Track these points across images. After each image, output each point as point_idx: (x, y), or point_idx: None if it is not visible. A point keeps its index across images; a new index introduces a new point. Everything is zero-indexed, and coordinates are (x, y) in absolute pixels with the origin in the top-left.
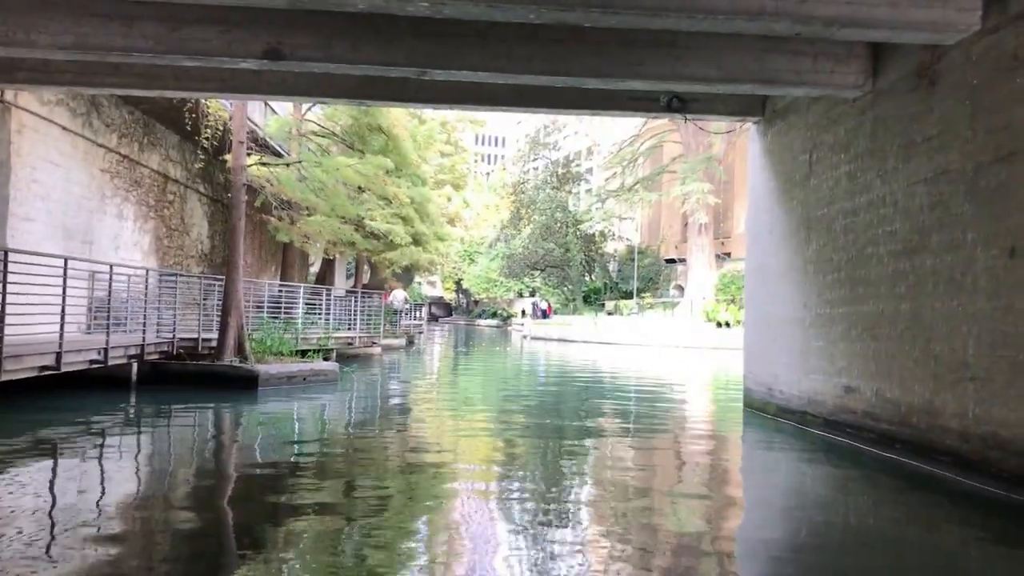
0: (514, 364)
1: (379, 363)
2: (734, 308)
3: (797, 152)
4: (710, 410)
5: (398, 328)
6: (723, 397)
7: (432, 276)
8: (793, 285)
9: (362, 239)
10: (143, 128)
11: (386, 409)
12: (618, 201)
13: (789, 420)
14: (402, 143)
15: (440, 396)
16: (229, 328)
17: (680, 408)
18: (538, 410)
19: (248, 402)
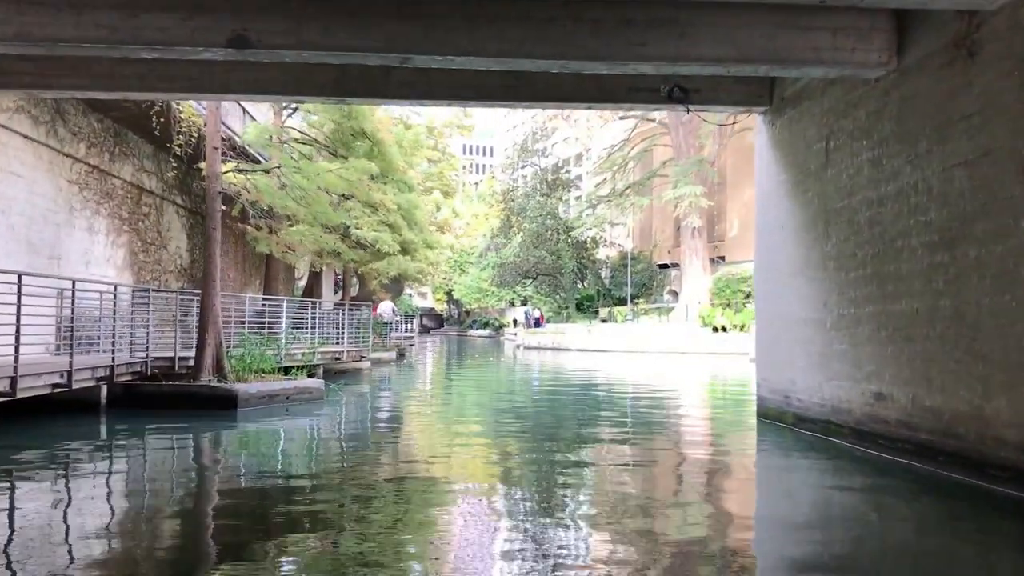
0: (508, 376)
1: (368, 378)
2: (730, 312)
3: (811, 141)
4: (719, 421)
5: (388, 341)
6: (731, 405)
7: (423, 287)
8: (810, 284)
9: (348, 249)
10: (114, 137)
11: (374, 429)
12: (609, 207)
13: (810, 430)
14: (387, 148)
15: (431, 414)
16: (207, 346)
17: (687, 420)
18: (537, 427)
19: (226, 424)
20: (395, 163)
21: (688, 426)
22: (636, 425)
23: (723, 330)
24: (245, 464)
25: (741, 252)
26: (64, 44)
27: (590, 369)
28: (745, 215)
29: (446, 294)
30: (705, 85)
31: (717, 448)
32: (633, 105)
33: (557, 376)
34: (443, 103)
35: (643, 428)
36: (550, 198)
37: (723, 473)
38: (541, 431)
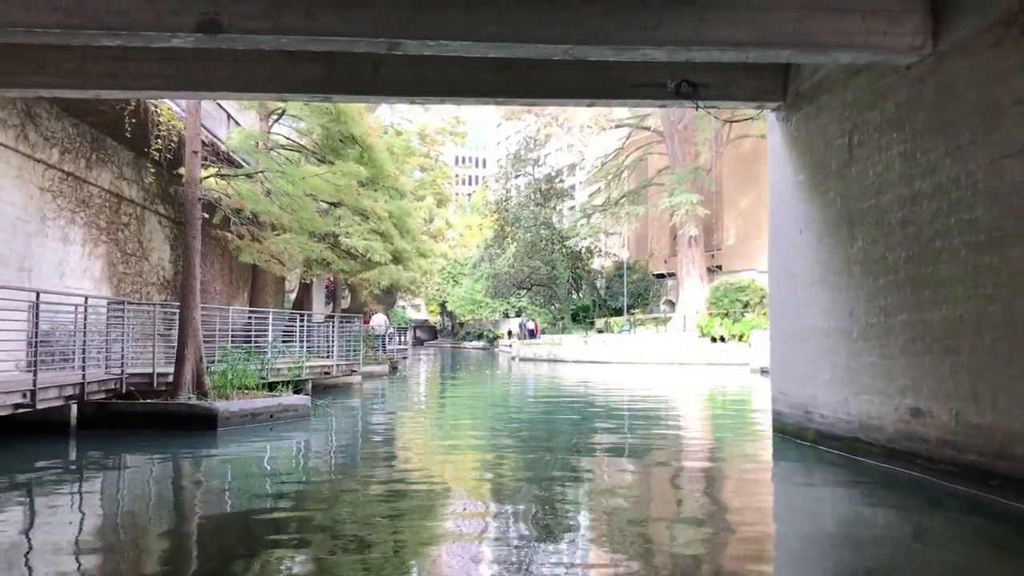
0: (505, 388)
1: (359, 393)
2: (729, 322)
3: (832, 137)
4: (731, 437)
5: (380, 354)
6: (740, 420)
7: (416, 299)
8: (833, 291)
9: (337, 259)
10: (90, 143)
11: (362, 450)
12: (604, 216)
13: (835, 449)
14: (377, 153)
15: (424, 432)
16: (186, 361)
17: (696, 437)
18: (537, 443)
19: (205, 445)
20: (386, 169)
21: (698, 444)
22: (642, 443)
23: (722, 340)
24: (222, 492)
25: (738, 261)
26: (15, 29)
27: (588, 381)
28: (742, 224)
29: (439, 306)
30: (715, 79)
31: (733, 468)
32: (639, 101)
33: (554, 389)
34: (435, 100)
35: (649, 446)
36: (544, 208)
37: (742, 495)
38: (541, 453)
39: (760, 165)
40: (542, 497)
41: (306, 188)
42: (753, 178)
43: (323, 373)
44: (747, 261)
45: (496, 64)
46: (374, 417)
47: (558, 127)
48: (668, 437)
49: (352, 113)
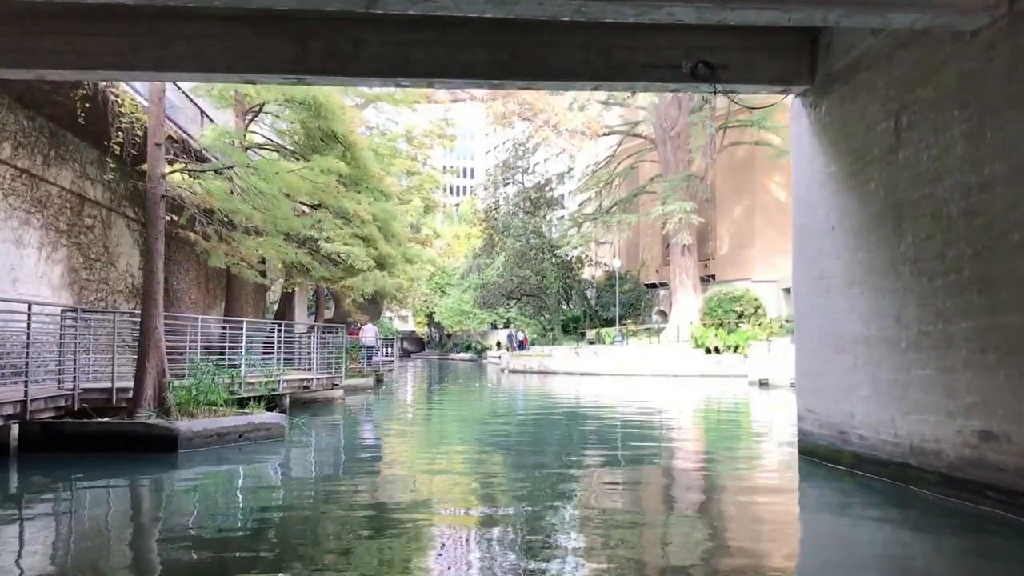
0: (495, 402)
1: (340, 409)
2: (723, 332)
3: (874, 120)
4: (748, 459)
5: (366, 366)
6: (752, 438)
7: (403, 310)
8: (876, 294)
9: (318, 265)
10: (48, 138)
11: (340, 475)
12: (595, 225)
13: (877, 474)
14: (361, 152)
15: (410, 452)
16: (147, 375)
17: (705, 460)
18: (529, 468)
19: (163, 469)
20: (369, 169)
21: (712, 471)
22: (646, 470)
23: (716, 351)
24: (175, 526)
25: (732, 271)
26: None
27: (580, 394)
28: (736, 232)
29: (427, 317)
30: (735, 60)
31: (758, 500)
32: (649, 84)
33: (547, 403)
34: (423, 82)
35: (655, 474)
36: (534, 216)
37: (777, 537)
38: (534, 482)
39: (754, 172)
40: (537, 544)
41: (281, 186)
42: (747, 186)
43: (302, 387)
44: (741, 270)
45: (491, 41)
46: (355, 436)
47: (550, 129)
48: (676, 462)
49: (333, 108)
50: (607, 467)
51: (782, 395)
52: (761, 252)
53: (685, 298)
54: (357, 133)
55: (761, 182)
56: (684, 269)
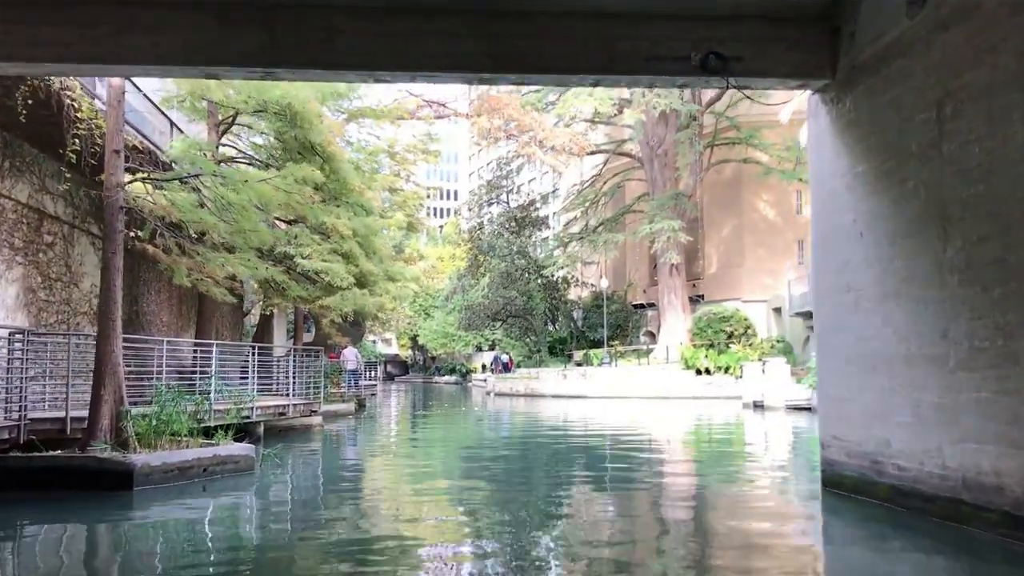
0: (483, 428)
1: (320, 436)
2: (713, 353)
3: (911, 112)
4: (761, 490)
5: (348, 391)
6: (761, 466)
7: (387, 333)
8: (916, 307)
9: (294, 283)
10: (1, 148)
11: (314, 513)
12: (582, 244)
13: (920, 510)
14: (340, 164)
15: (392, 485)
16: (102, 403)
17: (713, 492)
18: (524, 502)
19: (116, 509)
20: (349, 182)
21: (723, 505)
22: (650, 506)
23: (707, 372)
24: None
25: (721, 291)
26: None
27: (570, 418)
28: (725, 252)
29: (411, 339)
30: (748, 51)
31: (780, 535)
32: (654, 77)
33: (536, 428)
34: (404, 76)
35: (661, 513)
36: (519, 236)
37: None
38: (534, 501)
39: (742, 191)
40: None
41: (252, 196)
42: (735, 204)
43: (277, 414)
44: (730, 290)
45: (482, 31)
46: (333, 467)
47: (536, 145)
48: (681, 496)
49: (310, 116)
50: (605, 505)
51: (779, 417)
52: (750, 272)
53: (674, 318)
54: (336, 144)
55: (749, 201)
56: (672, 289)
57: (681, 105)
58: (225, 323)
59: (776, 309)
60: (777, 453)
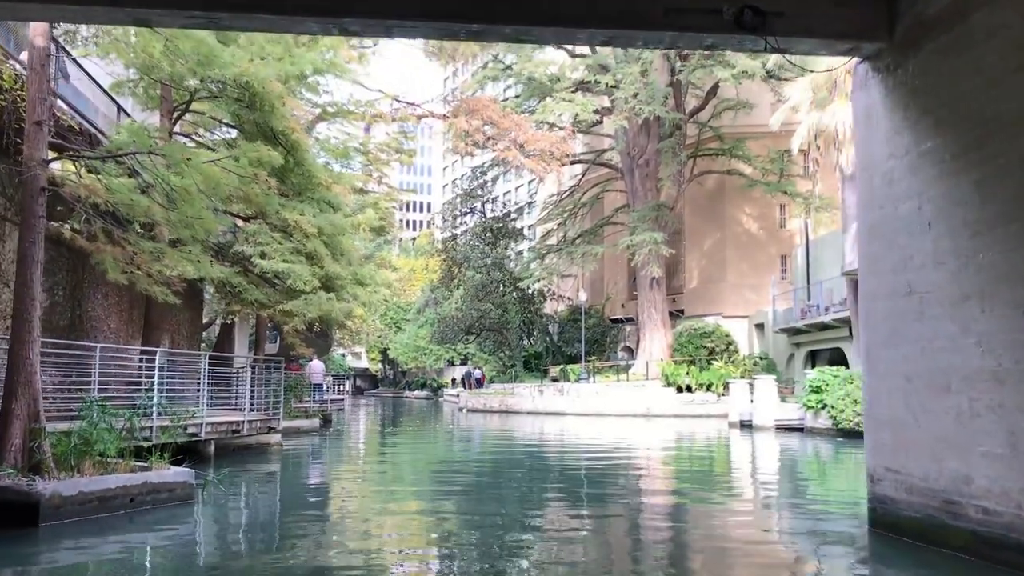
0: (457, 448)
1: (278, 456)
2: (695, 370)
3: (1003, 72)
4: (792, 533)
5: (314, 405)
6: (776, 501)
7: (356, 347)
8: (1007, 312)
9: (252, 286)
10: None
11: (255, 555)
12: (559, 256)
13: (1015, 567)
14: (305, 154)
15: (353, 518)
16: (13, 419)
17: (727, 531)
18: (515, 543)
19: (13, 552)
20: (315, 174)
21: (751, 547)
22: (654, 550)
23: (688, 390)
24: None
25: (702, 306)
26: None
27: (549, 437)
28: (706, 266)
29: (381, 353)
30: (791, 6)
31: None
32: (678, 35)
33: (511, 448)
34: (376, 25)
35: (665, 551)
36: (495, 247)
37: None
38: (519, 544)
39: (724, 203)
40: None
41: (198, 180)
42: (717, 217)
43: (231, 432)
44: (711, 305)
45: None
46: (289, 494)
47: (517, 149)
48: (691, 536)
49: (271, 98)
50: (596, 560)
51: (770, 439)
52: (732, 287)
53: (654, 334)
54: (301, 131)
55: (732, 214)
56: (653, 303)
57: (665, 113)
58: (182, 332)
59: (759, 325)
60: (793, 482)
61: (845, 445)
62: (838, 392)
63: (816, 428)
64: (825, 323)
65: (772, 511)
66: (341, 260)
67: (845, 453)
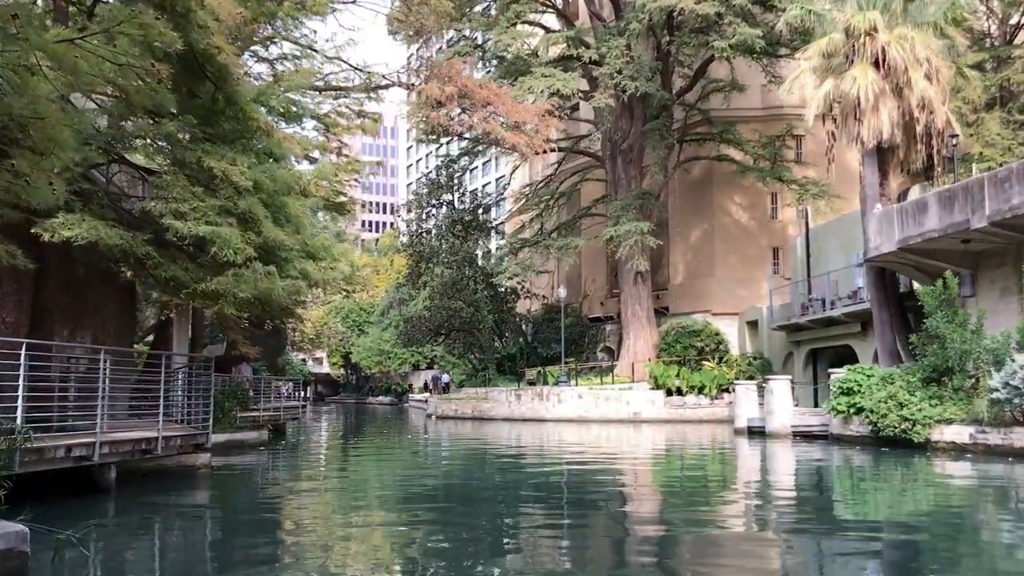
0: (429, 464)
1: (205, 482)
2: (686, 371)
3: None
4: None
5: (261, 413)
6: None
7: (318, 351)
8: None
9: (166, 259)
10: None
11: None
12: (535, 251)
13: None
14: (238, 89)
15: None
16: None
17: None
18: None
19: None
20: (251, 114)
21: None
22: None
23: (679, 392)
24: None
25: (688, 302)
26: None
27: (531, 449)
28: (692, 260)
29: (343, 357)
30: None
31: None
32: None
33: (487, 464)
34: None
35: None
36: (466, 241)
37: None
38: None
39: (712, 192)
40: None
41: (46, 60)
42: (704, 208)
43: (140, 452)
44: (698, 302)
45: None
46: (193, 547)
47: (495, 121)
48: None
49: (189, 2)
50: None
51: (788, 449)
52: (721, 282)
53: (638, 333)
54: (231, 55)
55: (720, 204)
56: (637, 299)
57: (654, 90)
58: (107, 328)
59: (751, 323)
60: (857, 508)
61: (890, 456)
62: (878, 394)
63: (847, 436)
64: (833, 318)
65: (815, 546)
66: (287, 227)
67: (892, 465)
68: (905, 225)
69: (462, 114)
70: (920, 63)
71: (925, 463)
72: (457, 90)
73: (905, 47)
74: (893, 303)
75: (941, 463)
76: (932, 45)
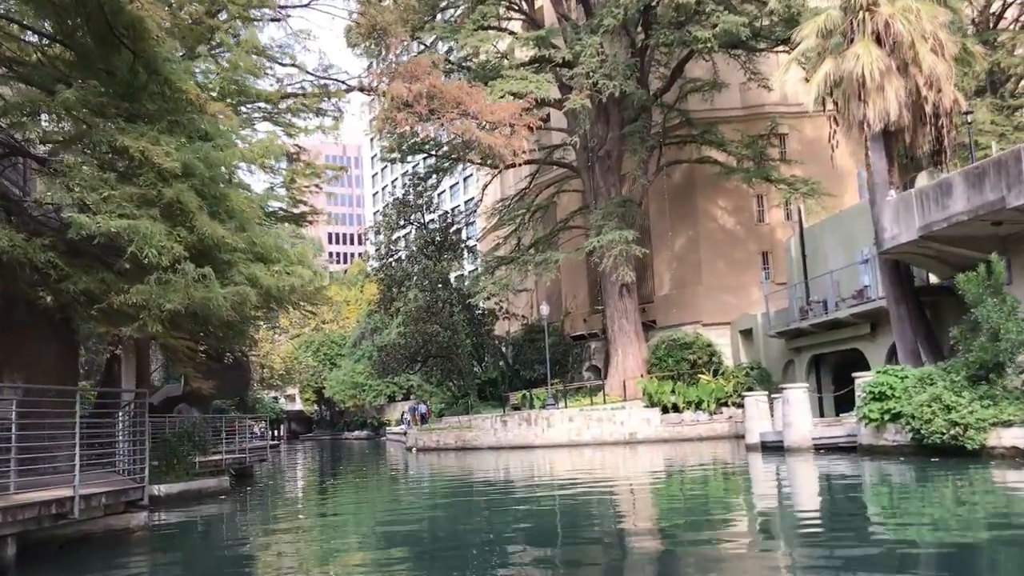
0: (422, 512)
1: (140, 549)
2: (681, 386)
3: None
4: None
5: (224, 456)
6: None
7: (289, 388)
8: None
9: (73, 268)
10: None
11: None
12: (514, 267)
13: None
14: (157, 48)
15: None
16: None
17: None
18: None
19: None
20: (182, 88)
21: None
22: None
23: (675, 409)
24: None
25: (676, 314)
26: None
27: (521, 478)
28: (678, 269)
29: (315, 393)
30: None
31: None
32: None
33: (496, 507)
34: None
35: None
36: (439, 262)
37: None
38: None
39: (695, 197)
40: None
41: None
42: (688, 214)
43: (51, 516)
44: (687, 313)
45: None
46: None
47: (471, 122)
48: None
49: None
50: None
51: (809, 464)
52: (709, 290)
53: (627, 348)
54: (154, 20)
55: (704, 208)
56: (624, 313)
57: (632, 88)
58: (43, 368)
59: (745, 331)
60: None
61: (940, 467)
62: (919, 397)
63: (880, 446)
64: (838, 320)
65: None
66: (228, 223)
67: (943, 478)
68: (927, 210)
69: (432, 115)
70: (926, 37)
71: (983, 473)
72: (426, 88)
73: (911, 19)
74: (911, 298)
75: (1002, 472)
76: (939, 16)
